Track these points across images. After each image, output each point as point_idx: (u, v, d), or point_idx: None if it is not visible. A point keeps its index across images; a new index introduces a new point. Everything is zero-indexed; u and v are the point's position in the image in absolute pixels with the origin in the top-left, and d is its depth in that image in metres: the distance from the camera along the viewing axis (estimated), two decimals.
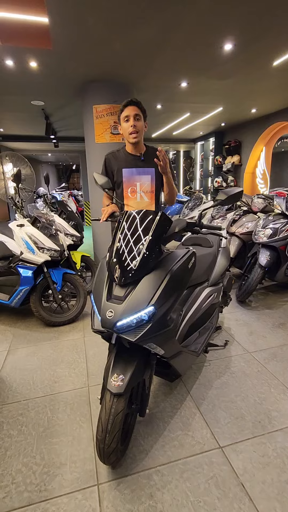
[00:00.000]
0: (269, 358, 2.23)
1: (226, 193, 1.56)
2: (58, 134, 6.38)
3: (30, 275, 2.67)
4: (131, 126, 1.74)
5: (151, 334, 1.25)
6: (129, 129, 1.75)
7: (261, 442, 1.52)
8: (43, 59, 2.71)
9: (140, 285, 1.29)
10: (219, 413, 1.72)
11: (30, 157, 10.67)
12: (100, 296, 1.34)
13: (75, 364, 2.23)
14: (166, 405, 1.79)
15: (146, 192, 1.93)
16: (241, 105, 4.67)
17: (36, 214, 2.78)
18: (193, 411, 1.73)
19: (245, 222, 3.72)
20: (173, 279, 1.33)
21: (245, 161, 6.49)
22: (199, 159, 8.58)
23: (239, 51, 2.61)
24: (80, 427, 1.64)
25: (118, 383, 1.24)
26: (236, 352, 2.33)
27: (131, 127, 1.74)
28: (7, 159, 5.57)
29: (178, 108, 4.73)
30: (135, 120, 1.73)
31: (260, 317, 2.94)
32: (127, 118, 1.74)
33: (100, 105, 3.38)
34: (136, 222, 1.40)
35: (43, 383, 2.01)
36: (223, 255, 2.30)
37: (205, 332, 1.98)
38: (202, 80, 3.42)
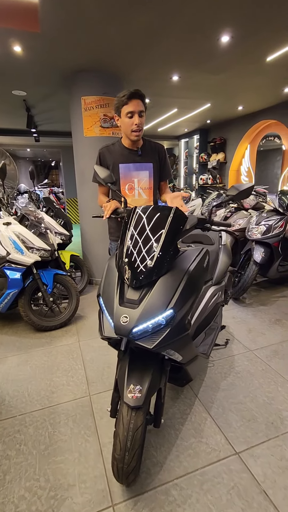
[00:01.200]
0: (271, 356, 2.22)
1: (237, 188, 1.49)
2: (39, 128, 6.07)
3: (19, 277, 2.47)
4: (135, 124, 1.62)
5: (169, 339, 1.15)
6: (132, 127, 1.63)
7: (276, 444, 1.48)
8: (29, 44, 2.50)
9: (157, 287, 1.18)
10: (230, 416, 1.66)
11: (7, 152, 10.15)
12: (111, 301, 1.22)
13: (73, 371, 2.09)
14: (175, 411, 1.71)
15: (145, 189, 1.83)
16: (229, 101, 4.67)
17: (24, 211, 2.58)
18: (203, 416, 1.66)
19: (237, 219, 3.72)
20: (190, 279, 1.23)
21: (230, 158, 6.55)
22: (183, 157, 8.56)
23: (235, 44, 2.55)
24: (85, 441, 1.52)
25: (136, 395, 1.13)
26: (238, 350, 2.30)
27: (135, 125, 1.62)
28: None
29: (166, 103, 4.64)
30: (139, 117, 1.62)
31: (256, 314, 2.94)
32: (131, 115, 1.61)
33: (89, 97, 3.21)
34: (149, 218, 1.29)
35: (40, 394, 1.86)
36: (224, 253, 2.24)
37: (211, 332, 1.91)
38: (195, 74, 3.34)
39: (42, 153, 12.06)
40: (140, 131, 1.65)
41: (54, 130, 6.31)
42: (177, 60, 2.94)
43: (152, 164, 1.80)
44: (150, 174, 1.81)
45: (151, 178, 1.82)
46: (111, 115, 3.30)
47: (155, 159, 1.81)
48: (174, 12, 2.08)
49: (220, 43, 2.52)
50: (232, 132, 6.33)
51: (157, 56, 2.83)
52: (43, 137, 6.32)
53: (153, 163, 1.80)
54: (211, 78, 3.44)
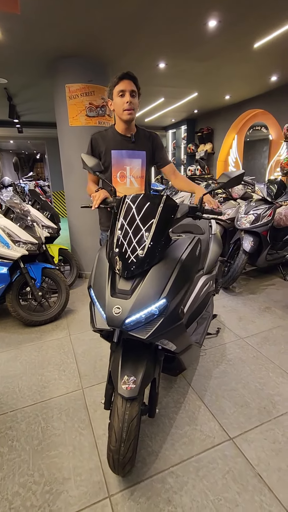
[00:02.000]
0: (262, 343, 2.25)
1: (228, 175, 1.47)
2: (22, 119, 5.85)
3: (6, 272, 2.40)
4: (127, 102, 1.56)
5: (163, 329, 1.14)
6: (124, 105, 1.58)
7: (269, 428, 1.50)
8: (8, 26, 2.37)
9: (149, 277, 1.16)
10: (224, 403, 1.68)
11: None
12: (103, 292, 1.20)
13: (64, 365, 2.06)
14: (168, 400, 1.71)
15: (136, 177, 1.78)
16: (216, 90, 4.62)
17: (9, 204, 2.48)
18: (197, 404, 1.68)
19: (225, 209, 3.73)
20: (183, 268, 1.22)
21: (217, 149, 6.54)
22: (171, 148, 8.49)
23: (223, 29, 2.50)
24: (80, 434, 1.50)
25: (130, 386, 1.11)
26: (229, 339, 2.32)
27: (127, 103, 1.57)
28: None
29: (153, 92, 4.55)
30: (131, 97, 1.57)
31: (246, 302, 2.98)
32: (122, 93, 1.56)
33: (73, 84, 3.09)
34: (138, 207, 1.25)
35: (31, 390, 1.82)
36: (215, 242, 2.24)
37: (203, 322, 1.92)
38: (182, 62, 3.27)
39: (25, 145, 11.69)
40: (132, 110, 1.60)
41: (38, 120, 6.10)
42: (164, 46, 2.86)
43: (145, 152, 1.75)
44: (142, 163, 1.77)
45: (143, 167, 1.78)
46: (97, 104, 3.20)
47: (148, 148, 1.77)
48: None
49: (207, 28, 2.46)
50: (219, 122, 6.31)
51: (143, 41, 2.74)
52: (26, 128, 6.10)
53: (146, 151, 1.75)
54: (198, 65, 3.38)
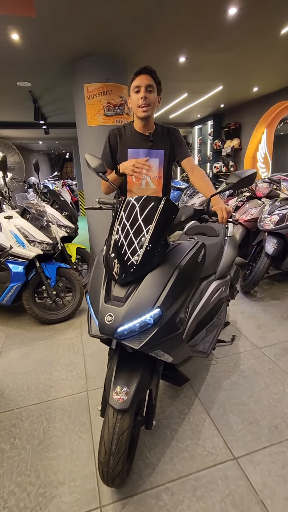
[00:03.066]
0: (281, 354, 2.09)
1: (239, 175, 1.36)
2: (48, 120, 6.03)
3: (21, 270, 2.47)
4: (141, 98, 1.48)
5: (157, 340, 1.08)
6: (138, 102, 1.49)
7: (279, 451, 1.38)
8: (26, 30, 2.42)
9: (144, 284, 1.10)
10: (231, 418, 1.57)
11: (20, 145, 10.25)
12: (97, 297, 1.16)
13: (73, 365, 2.07)
14: (172, 410, 1.64)
15: (153, 178, 1.69)
16: (242, 82, 4.38)
17: (26, 204, 2.56)
18: (202, 417, 1.59)
19: (249, 209, 3.53)
20: (182, 275, 1.14)
21: (245, 144, 6.23)
22: (196, 144, 8.27)
23: (244, 16, 2.33)
24: (79, 438, 1.49)
25: (122, 397, 1.07)
26: (244, 348, 2.19)
27: (141, 99, 1.48)
28: None
29: (175, 87, 4.43)
30: (146, 92, 1.47)
31: (267, 309, 2.79)
32: (138, 89, 1.48)
33: (92, 84, 3.10)
34: (137, 210, 1.20)
35: (38, 388, 1.86)
36: (230, 245, 2.12)
37: (213, 330, 1.82)
38: (203, 54, 3.13)
39: (55, 146, 12.10)
40: (147, 106, 1.49)
41: (63, 121, 6.25)
42: (183, 39, 2.75)
43: (163, 151, 1.66)
44: (160, 162, 1.67)
45: (161, 167, 1.68)
46: (114, 103, 3.18)
47: (167, 145, 1.67)
48: None
49: (228, 16, 2.31)
50: (247, 116, 5.99)
51: (161, 36, 2.66)
52: (52, 129, 6.28)
53: (164, 150, 1.66)
54: (220, 57, 3.21)
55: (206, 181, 1.63)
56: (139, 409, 1.27)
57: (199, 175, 1.66)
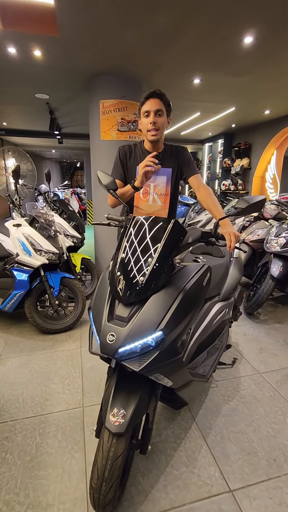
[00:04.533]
0: (282, 381, 2.04)
1: (248, 201, 1.37)
2: (62, 130, 6.19)
3: (26, 279, 2.49)
4: (151, 123, 1.54)
5: (158, 363, 1.06)
6: (148, 126, 1.56)
7: (277, 486, 1.33)
8: (48, 48, 2.53)
9: (148, 305, 1.10)
10: (229, 446, 1.53)
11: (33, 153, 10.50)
12: (100, 316, 1.16)
13: (70, 379, 2.05)
14: (169, 433, 1.60)
15: (160, 195, 1.74)
16: (254, 105, 4.47)
17: (35, 213, 2.60)
18: (199, 443, 1.55)
19: (255, 229, 3.53)
20: (186, 299, 1.14)
21: (254, 164, 6.29)
22: (206, 161, 8.38)
23: (259, 45, 2.41)
24: (71, 457, 1.46)
25: (119, 420, 1.05)
26: (245, 372, 2.14)
27: (151, 124, 1.54)
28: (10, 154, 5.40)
29: (188, 107, 4.54)
30: (156, 116, 1.54)
31: (270, 332, 2.75)
32: (147, 114, 1.54)
33: (107, 100, 3.19)
34: (145, 229, 1.21)
35: (34, 401, 1.83)
36: (235, 267, 2.11)
37: (214, 352, 1.79)
38: (217, 77, 3.22)
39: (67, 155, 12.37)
40: (156, 130, 1.56)
41: (76, 132, 6.42)
42: (198, 62, 2.84)
43: (171, 169, 1.71)
44: (168, 180, 1.72)
45: (168, 184, 1.73)
46: (128, 119, 3.26)
47: (175, 164, 1.72)
48: (192, 13, 1.99)
49: (243, 44, 2.39)
50: (258, 137, 6.08)
51: (177, 59, 2.75)
52: (66, 139, 6.44)
53: (172, 168, 1.71)
54: (234, 81, 3.30)
55: (213, 201, 1.63)
56: (134, 432, 1.24)
57: (205, 193, 1.66)
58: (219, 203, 1.68)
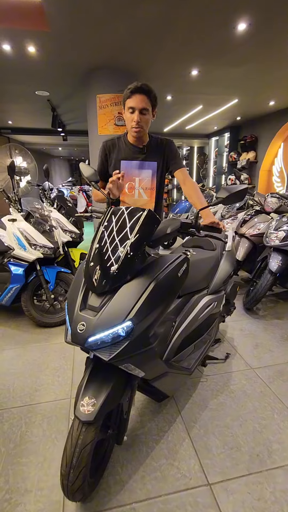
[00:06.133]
0: (275, 377, 1.99)
1: (228, 190, 1.33)
2: (67, 128, 6.24)
3: (21, 273, 2.53)
4: (134, 121, 1.50)
5: (128, 353, 1.06)
6: (132, 123, 1.52)
7: (257, 481, 1.30)
8: (41, 43, 2.54)
9: (118, 295, 1.10)
10: (212, 440, 1.51)
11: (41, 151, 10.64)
12: (73, 305, 1.17)
13: (61, 371, 2.07)
14: (152, 426, 1.60)
15: (146, 189, 1.72)
16: (258, 96, 4.35)
17: (30, 208, 2.63)
18: (182, 436, 1.54)
19: (256, 223, 3.45)
20: (158, 288, 1.13)
21: (261, 158, 6.14)
22: (212, 156, 8.24)
23: (255, 31, 2.34)
24: (54, 445, 1.48)
25: (88, 409, 1.06)
26: (237, 367, 2.11)
27: (134, 122, 1.50)
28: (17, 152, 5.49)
29: (190, 100, 4.47)
30: (140, 114, 1.49)
31: (267, 327, 2.69)
32: (132, 110, 1.49)
33: (104, 95, 3.19)
34: (119, 220, 1.21)
35: (24, 391, 1.87)
36: (227, 260, 2.07)
37: (201, 346, 1.77)
38: (215, 68, 3.15)
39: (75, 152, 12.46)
40: (139, 129, 1.52)
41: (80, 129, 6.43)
42: (193, 53, 2.78)
43: (156, 162, 1.69)
44: (153, 173, 1.70)
45: (154, 178, 1.71)
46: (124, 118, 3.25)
47: (160, 157, 1.69)
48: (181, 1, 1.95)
49: (237, 31, 2.32)
50: (264, 130, 5.92)
51: (171, 49, 2.71)
52: (71, 136, 6.48)
53: (157, 162, 1.69)
54: (233, 71, 3.21)
55: (197, 193, 1.62)
56: (113, 423, 1.24)
57: (191, 186, 1.65)
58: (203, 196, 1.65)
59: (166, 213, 8.45)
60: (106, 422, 1.22)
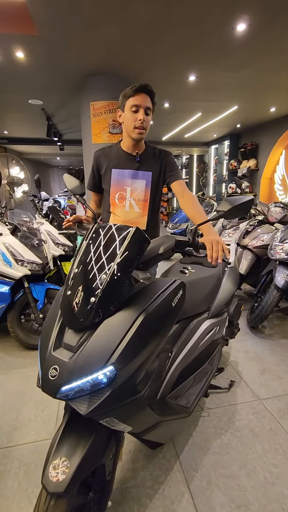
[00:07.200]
0: (286, 410, 1.77)
1: (231, 203, 1.15)
2: (64, 137, 6.15)
3: (7, 291, 2.33)
4: (139, 120, 1.36)
5: (110, 405, 0.85)
6: (136, 123, 1.37)
7: None
8: (30, 48, 2.43)
9: (99, 332, 0.90)
10: (215, 495, 1.28)
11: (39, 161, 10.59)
12: (46, 343, 0.97)
13: (45, 404, 1.85)
14: (146, 475, 1.37)
15: (138, 200, 1.56)
16: (258, 103, 4.23)
17: (17, 221, 2.46)
18: (180, 490, 1.31)
19: (260, 234, 3.26)
20: (147, 323, 0.92)
21: (262, 165, 6.00)
22: (212, 164, 8.13)
23: (254, 33, 2.20)
24: (29, 503, 1.26)
25: (59, 477, 0.84)
26: (243, 398, 1.88)
27: (139, 121, 1.37)
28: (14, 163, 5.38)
29: (188, 107, 4.35)
30: (145, 114, 1.37)
31: (275, 348, 2.47)
32: (136, 109, 1.36)
33: (98, 102, 3.07)
34: (104, 240, 1.02)
35: (1, 429, 1.65)
36: (229, 277, 1.87)
37: (202, 378, 1.55)
38: (213, 73, 3.03)
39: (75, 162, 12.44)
40: (144, 129, 1.40)
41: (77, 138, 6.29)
42: (190, 57, 2.66)
43: (151, 173, 1.54)
44: (147, 184, 1.55)
45: (148, 189, 1.55)
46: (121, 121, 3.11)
47: (156, 168, 1.55)
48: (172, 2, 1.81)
49: (236, 33, 2.18)
50: (264, 137, 5.80)
51: (167, 53, 2.58)
52: (68, 146, 6.38)
53: (152, 172, 1.54)
54: (232, 76, 3.09)
55: (196, 207, 1.45)
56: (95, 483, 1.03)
57: (189, 199, 1.49)
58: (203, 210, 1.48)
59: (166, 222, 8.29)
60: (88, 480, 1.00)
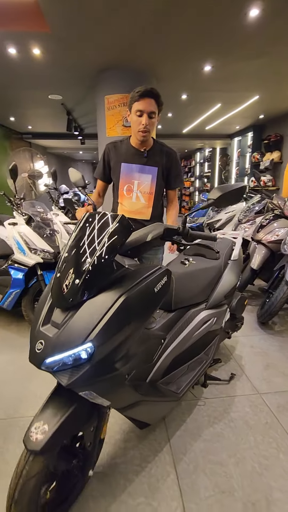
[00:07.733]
0: (285, 406, 1.74)
1: (221, 190, 1.16)
2: (85, 131, 6.28)
3: (21, 277, 2.49)
4: (142, 124, 1.51)
5: (89, 379, 0.92)
6: (139, 127, 1.53)
7: None
8: (45, 45, 2.52)
9: (81, 311, 0.96)
10: (201, 479, 1.31)
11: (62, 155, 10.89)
12: (36, 320, 1.06)
13: (51, 381, 1.97)
14: (135, 454, 1.43)
15: (144, 193, 1.72)
16: (280, 92, 4.03)
17: (31, 212, 2.60)
18: (167, 470, 1.36)
19: (275, 228, 3.15)
20: (126, 306, 0.97)
21: (286, 158, 5.73)
22: (235, 157, 7.88)
23: (268, 18, 2.11)
24: None
25: (37, 437, 0.93)
26: (242, 390, 1.88)
27: (142, 125, 1.51)
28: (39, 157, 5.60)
29: (206, 98, 4.25)
30: (148, 118, 1.51)
31: (283, 345, 2.41)
32: (140, 113, 1.51)
33: (112, 95, 3.11)
34: (90, 227, 1.08)
35: (9, 402, 1.79)
36: (231, 270, 1.86)
37: (196, 367, 1.58)
38: (229, 62, 2.94)
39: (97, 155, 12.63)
40: (147, 132, 1.55)
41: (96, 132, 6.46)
42: (204, 46, 2.60)
43: (157, 168, 1.69)
44: (153, 178, 1.70)
45: (154, 183, 1.71)
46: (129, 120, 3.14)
47: (162, 164, 1.70)
48: None
49: (249, 19, 2.11)
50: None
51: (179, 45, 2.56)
52: (89, 140, 6.51)
53: (158, 168, 1.69)
54: (249, 64, 2.97)
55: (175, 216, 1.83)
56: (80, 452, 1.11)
57: (174, 207, 1.87)
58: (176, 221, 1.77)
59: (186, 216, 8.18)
60: (73, 449, 1.08)
